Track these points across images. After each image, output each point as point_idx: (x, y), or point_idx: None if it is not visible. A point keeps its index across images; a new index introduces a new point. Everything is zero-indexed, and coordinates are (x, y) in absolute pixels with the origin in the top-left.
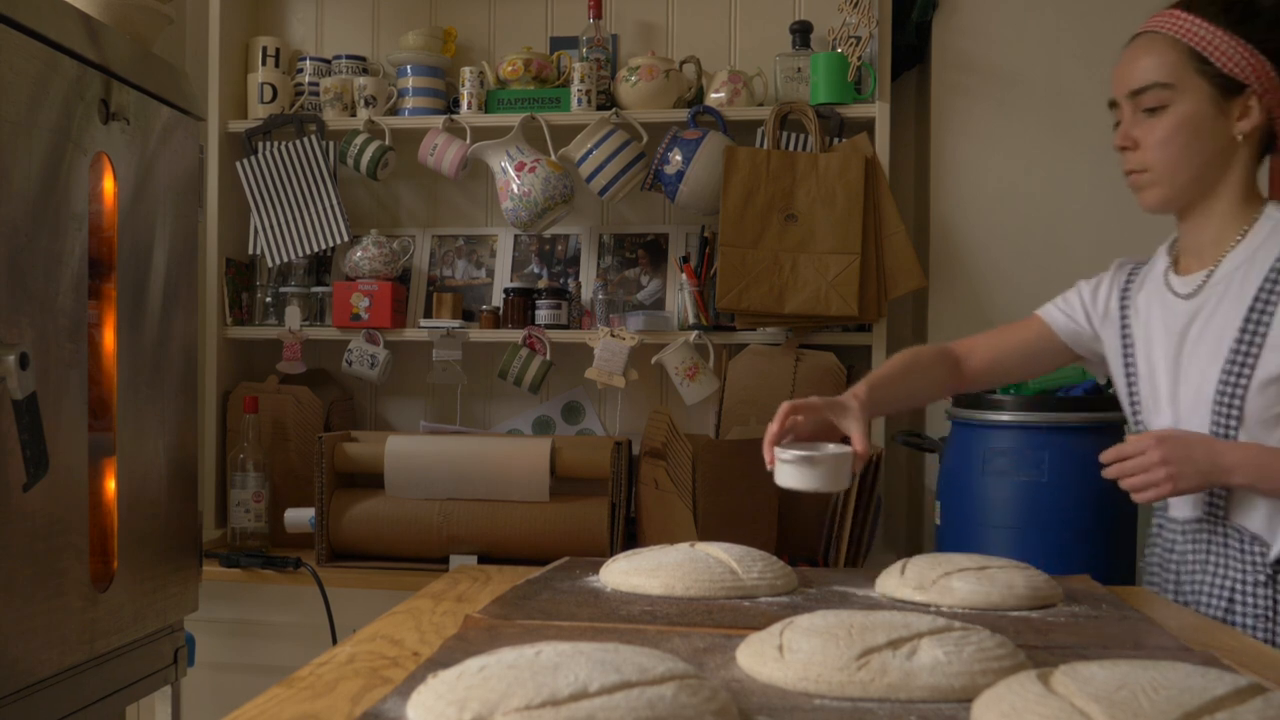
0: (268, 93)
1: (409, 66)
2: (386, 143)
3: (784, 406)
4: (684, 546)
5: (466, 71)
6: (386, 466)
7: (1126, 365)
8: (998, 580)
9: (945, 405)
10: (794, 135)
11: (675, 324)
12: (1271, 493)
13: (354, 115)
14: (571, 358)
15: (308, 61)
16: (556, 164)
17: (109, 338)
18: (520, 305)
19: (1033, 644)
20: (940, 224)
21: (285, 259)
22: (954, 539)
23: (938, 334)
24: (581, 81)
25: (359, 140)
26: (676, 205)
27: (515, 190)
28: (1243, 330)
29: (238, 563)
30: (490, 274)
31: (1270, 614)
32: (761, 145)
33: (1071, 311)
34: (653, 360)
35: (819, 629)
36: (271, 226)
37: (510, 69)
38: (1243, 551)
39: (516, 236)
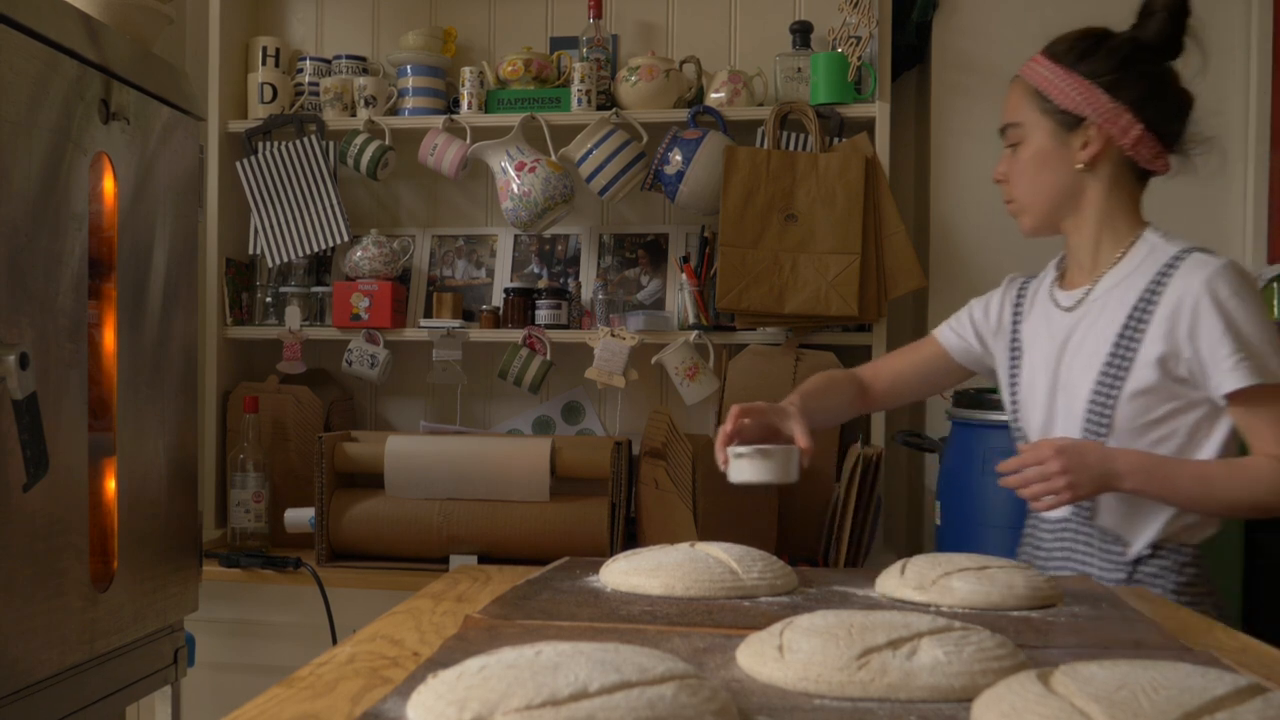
0: (268, 93)
1: (409, 66)
2: (386, 143)
3: (734, 409)
4: (684, 546)
5: (466, 71)
6: (386, 466)
7: (1012, 372)
8: (998, 580)
9: (945, 405)
10: (794, 135)
11: (675, 324)
12: (1157, 497)
13: (354, 115)
14: (571, 358)
15: (308, 61)
16: (556, 164)
17: (109, 338)
18: (520, 305)
19: (1033, 644)
20: (940, 224)
21: (285, 259)
22: (954, 539)
23: None
24: (581, 81)
25: (359, 140)
26: (676, 205)
27: (515, 190)
28: (1116, 345)
29: (238, 563)
30: (490, 274)
31: None
32: (761, 145)
33: (963, 331)
34: (653, 360)
35: (819, 629)
36: (271, 226)
37: (510, 69)
38: (1105, 550)
39: (516, 236)
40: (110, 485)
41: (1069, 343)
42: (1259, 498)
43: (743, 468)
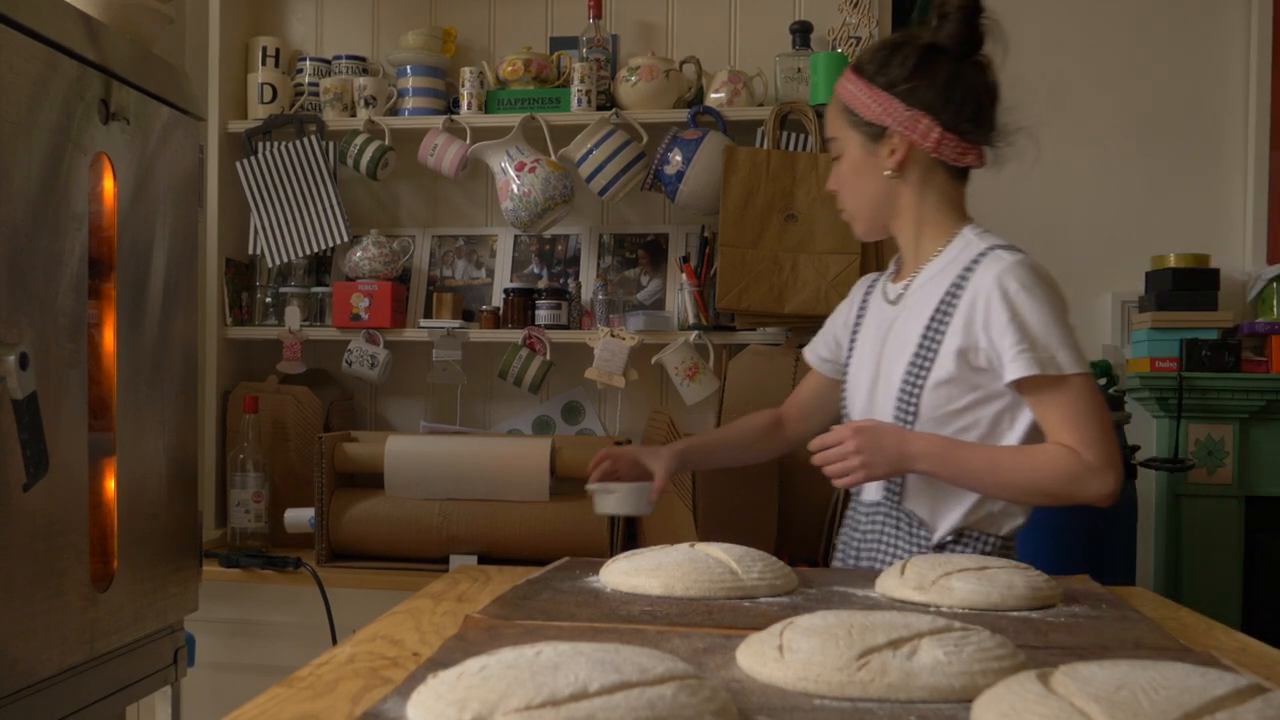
0: (268, 93)
1: (409, 66)
2: (386, 143)
3: (598, 454)
4: (684, 546)
5: (466, 71)
6: (386, 466)
7: (846, 361)
8: (997, 580)
9: None
10: (794, 135)
11: (675, 324)
12: (950, 479)
13: (354, 115)
14: (571, 358)
15: (307, 61)
16: (556, 164)
17: (109, 338)
18: (520, 305)
19: (1033, 644)
20: None
21: (285, 259)
22: None
23: None
24: (581, 81)
25: (359, 140)
26: (676, 205)
27: (515, 190)
28: (923, 336)
29: (238, 563)
30: (490, 274)
31: None
32: (761, 145)
33: (826, 344)
34: (653, 360)
35: (819, 629)
36: (271, 226)
37: (510, 69)
38: (911, 534)
39: (516, 236)
40: (110, 485)
41: (890, 333)
42: (1044, 484)
43: (597, 501)
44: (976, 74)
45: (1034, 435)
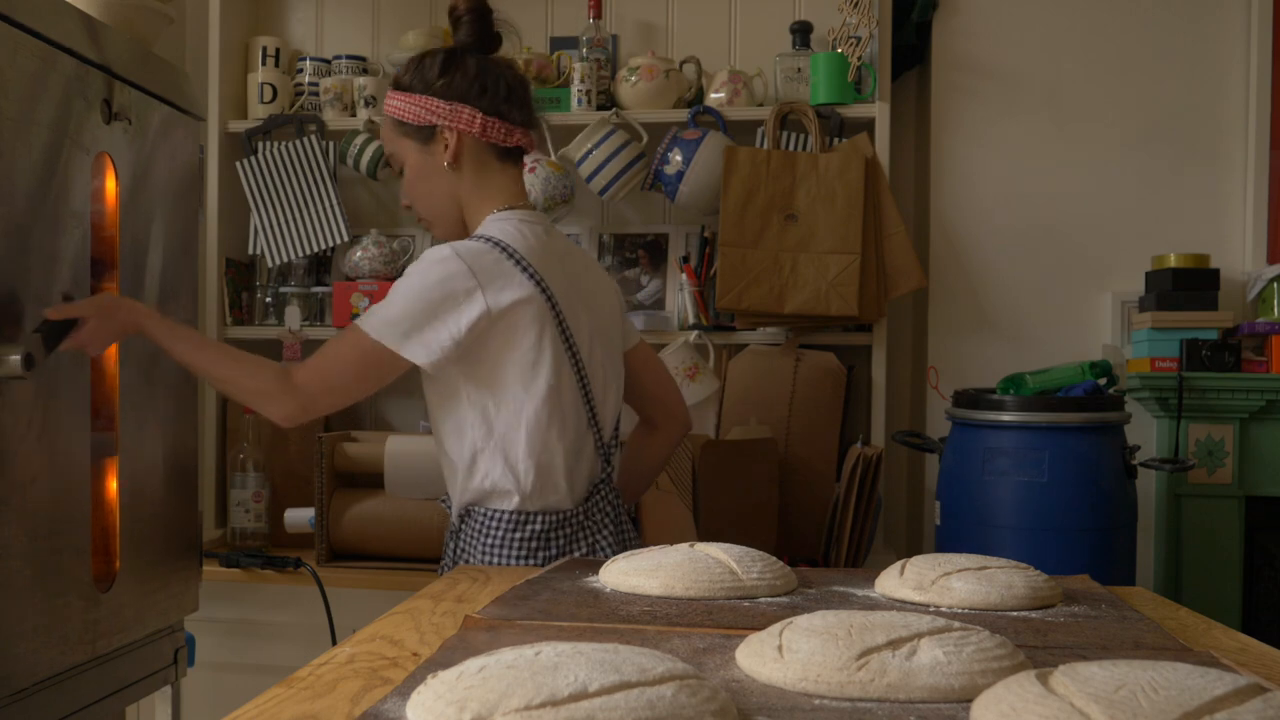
0: (268, 93)
1: None
2: None
3: None
4: (684, 547)
5: None
6: (386, 466)
7: None
8: (997, 580)
9: (945, 405)
10: (794, 135)
11: (675, 324)
12: (168, 347)
13: (354, 115)
14: None
15: (308, 61)
16: (556, 164)
17: None
18: None
19: (1032, 644)
20: (940, 224)
21: (285, 259)
22: (954, 539)
23: (938, 334)
24: (581, 81)
25: (359, 140)
26: (676, 205)
27: None
28: None
29: (238, 563)
30: None
31: (453, 561)
32: (761, 145)
33: None
34: None
35: (818, 629)
36: (271, 226)
37: None
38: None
39: None
40: (111, 485)
41: None
42: (239, 377)
43: None
44: (504, 67)
45: (551, 398)
